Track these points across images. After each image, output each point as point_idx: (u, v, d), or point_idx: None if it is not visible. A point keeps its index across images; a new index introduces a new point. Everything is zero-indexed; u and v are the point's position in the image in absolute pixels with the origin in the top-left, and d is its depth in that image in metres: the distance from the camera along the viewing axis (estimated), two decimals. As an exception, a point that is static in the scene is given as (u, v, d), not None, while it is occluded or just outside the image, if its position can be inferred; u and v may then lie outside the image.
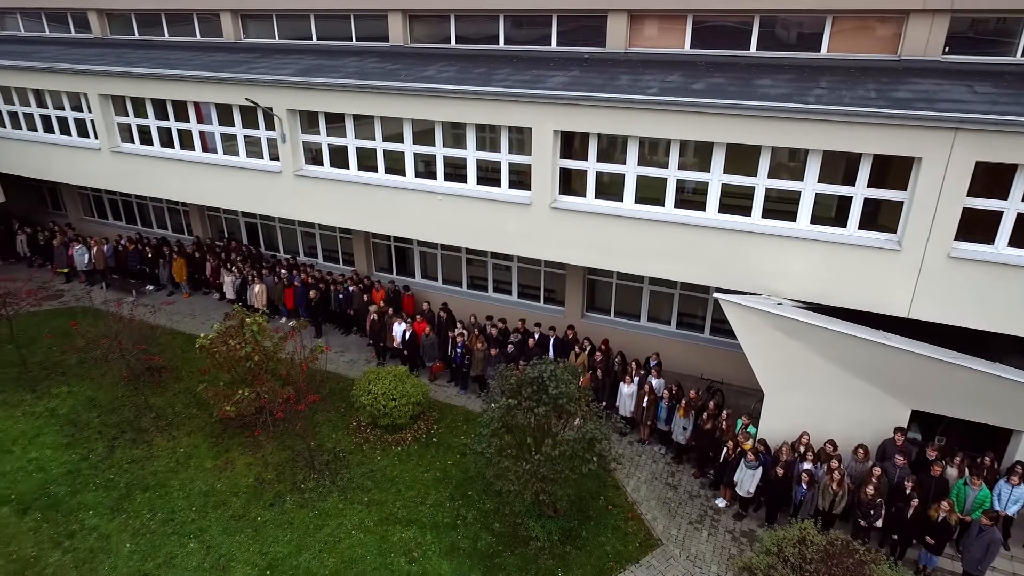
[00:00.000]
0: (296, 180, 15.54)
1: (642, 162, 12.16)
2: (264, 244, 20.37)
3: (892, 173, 10.41)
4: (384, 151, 14.60)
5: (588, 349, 13.94)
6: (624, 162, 12.26)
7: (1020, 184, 9.46)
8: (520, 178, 13.45)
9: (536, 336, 14.29)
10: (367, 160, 14.96)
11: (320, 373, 13.49)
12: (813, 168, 10.72)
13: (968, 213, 9.70)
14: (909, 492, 9.73)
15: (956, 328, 10.17)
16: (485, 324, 15.11)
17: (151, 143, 17.70)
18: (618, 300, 15.48)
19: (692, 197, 12.11)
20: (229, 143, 16.60)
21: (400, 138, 14.27)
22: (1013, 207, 9.61)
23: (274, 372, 12.61)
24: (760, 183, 11.22)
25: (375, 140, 14.56)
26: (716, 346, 14.44)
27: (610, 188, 12.70)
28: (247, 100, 14.99)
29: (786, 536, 8.40)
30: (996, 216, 9.75)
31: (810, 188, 10.87)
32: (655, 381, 12.87)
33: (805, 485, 10.31)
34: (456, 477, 12.04)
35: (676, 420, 12.18)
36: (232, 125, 16.20)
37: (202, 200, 18.13)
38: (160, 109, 17.14)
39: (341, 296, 16.73)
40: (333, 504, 11.33)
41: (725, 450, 11.22)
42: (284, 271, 17.80)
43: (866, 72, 11.85)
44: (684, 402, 12.08)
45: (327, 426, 13.34)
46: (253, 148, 16.30)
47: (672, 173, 11.89)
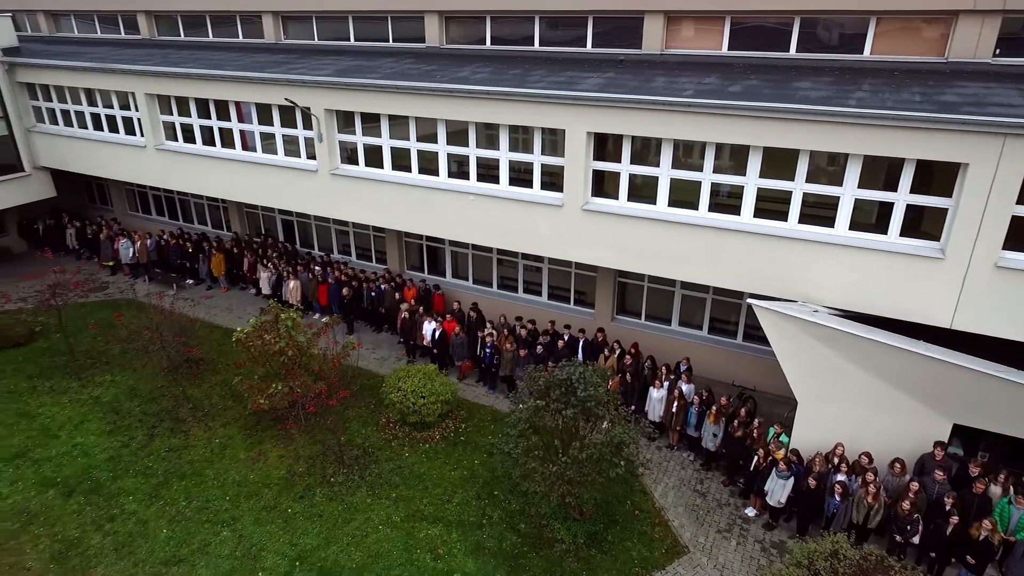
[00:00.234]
0: (332, 179, 15.82)
1: (676, 165, 12.04)
2: (299, 241, 20.77)
3: (936, 179, 10.09)
4: (418, 151, 14.75)
5: (618, 352, 13.85)
6: (658, 164, 12.15)
7: (1074, 192, 9.10)
8: (552, 179, 13.45)
9: (565, 338, 14.26)
10: (401, 160, 15.14)
11: (351, 369, 13.71)
12: (853, 173, 10.47)
13: (1017, 221, 9.35)
14: (949, 509, 9.42)
15: (1000, 340, 9.82)
16: (515, 324, 15.14)
17: (194, 141, 18.22)
18: (649, 303, 15.35)
19: (726, 201, 11.95)
20: (268, 142, 16.99)
21: (434, 138, 14.40)
22: (1066, 216, 9.25)
23: (307, 367, 12.86)
24: (797, 187, 11.01)
25: (409, 140, 14.73)
26: (749, 352, 14.20)
27: (643, 190, 12.60)
28: (286, 100, 15.32)
29: (818, 549, 8.21)
30: (1047, 225, 9.40)
31: (849, 193, 10.62)
32: (685, 386, 12.72)
33: (839, 497, 10.07)
34: (483, 476, 12.10)
35: (706, 426, 12.02)
36: (271, 124, 16.58)
37: (241, 197, 18.59)
38: (203, 108, 17.63)
39: (373, 294, 16.96)
40: (361, 499, 11.50)
41: (756, 458, 11.03)
42: (318, 268, 18.13)
43: (911, 75, 11.51)
44: (715, 408, 11.92)
45: (357, 422, 13.54)
46: (291, 147, 16.65)
47: (707, 176, 11.74)
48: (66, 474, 12.07)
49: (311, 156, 16.20)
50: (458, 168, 14.53)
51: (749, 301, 11.39)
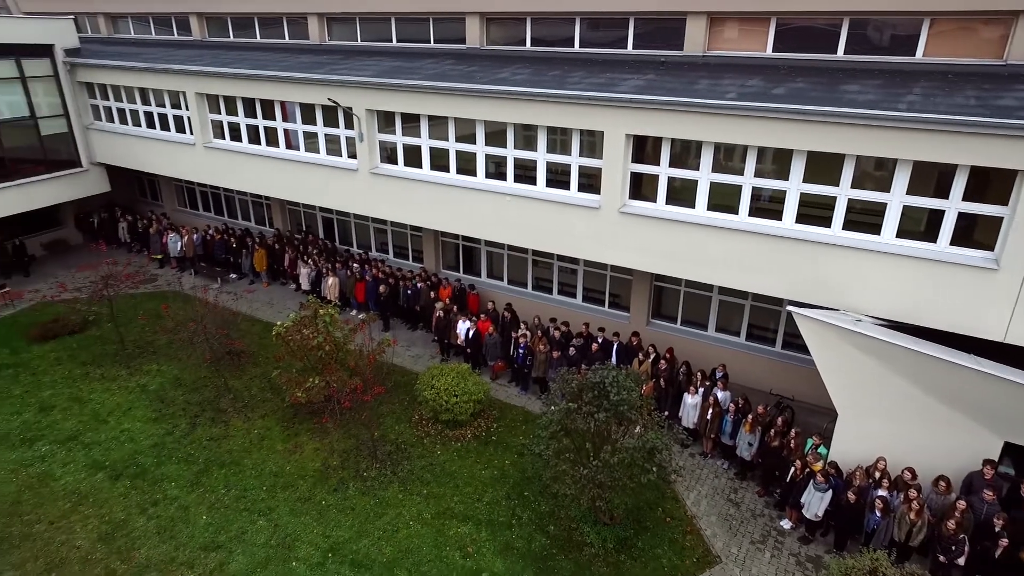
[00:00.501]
0: (371, 178, 16.07)
1: (716, 168, 11.86)
2: (339, 238, 21.17)
3: (992, 186, 9.70)
4: (456, 151, 14.87)
5: (652, 357, 13.71)
6: (697, 168, 11.99)
7: None
8: (589, 181, 13.39)
9: (599, 341, 14.18)
10: (439, 160, 15.29)
11: (386, 366, 13.92)
12: (902, 179, 10.14)
13: (1079, 232, 8.94)
14: (999, 530, 9.04)
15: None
16: (548, 326, 15.13)
17: (240, 139, 18.75)
18: (685, 308, 15.14)
19: (768, 205, 11.71)
20: (310, 141, 17.36)
21: (472, 139, 14.50)
22: None
23: (343, 362, 13.09)
24: (842, 193, 10.72)
25: (448, 141, 14.86)
26: (787, 361, 13.88)
27: (681, 194, 12.45)
28: (329, 100, 15.63)
29: (856, 565, 8.00)
30: (1112, 236, 8.94)
31: (897, 200, 10.28)
32: (721, 393, 12.52)
33: (879, 513, 9.77)
34: (513, 477, 12.13)
35: (741, 435, 11.80)
36: (314, 123, 16.94)
37: (283, 194, 19.04)
38: (249, 107, 18.12)
39: (409, 292, 17.17)
40: (393, 494, 11.66)
41: (793, 470, 10.78)
42: (356, 265, 18.44)
43: (966, 78, 11.09)
44: (751, 417, 11.69)
45: (391, 418, 13.73)
46: (332, 146, 16.99)
47: (748, 180, 11.53)
48: (114, 458, 12.57)
49: (352, 155, 16.49)
50: (495, 169, 14.60)
51: (789, 309, 11.15)
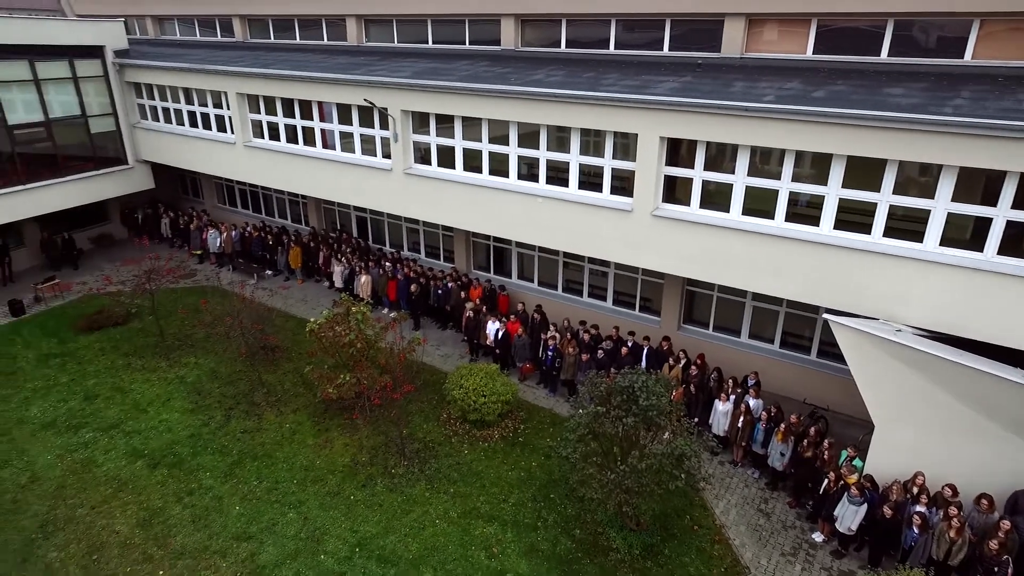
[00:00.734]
0: (405, 178, 16.25)
1: (752, 172, 11.67)
2: (372, 237, 21.44)
3: (1044, 194, 9.34)
4: (489, 152, 14.93)
5: (683, 362, 13.55)
6: (733, 171, 11.81)
7: None
8: (622, 184, 13.31)
9: (629, 345, 14.07)
10: (472, 161, 15.37)
11: (416, 364, 14.06)
12: (947, 185, 9.82)
13: None
14: (1043, 552, 8.70)
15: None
16: (578, 329, 15.08)
17: (278, 139, 19.15)
18: (718, 314, 14.92)
19: (805, 211, 11.47)
20: (346, 140, 17.64)
21: (505, 140, 14.54)
22: None
23: (374, 360, 13.27)
24: (884, 199, 10.43)
25: (481, 142, 14.93)
26: (822, 370, 13.56)
27: (716, 197, 12.28)
28: (365, 101, 15.85)
29: (890, 582, 7.79)
30: None
31: (941, 207, 9.97)
32: (753, 401, 12.30)
33: (917, 529, 9.47)
34: (540, 479, 12.12)
35: (773, 444, 11.58)
36: (350, 124, 17.21)
37: (319, 193, 19.37)
38: (288, 107, 18.50)
39: (440, 292, 17.30)
40: (420, 492, 11.76)
41: (826, 482, 10.54)
42: (388, 264, 18.66)
43: (1018, 81, 10.68)
44: (783, 426, 11.46)
45: (419, 416, 13.86)
46: (368, 146, 17.22)
47: (784, 185, 11.31)
48: (152, 447, 12.96)
49: (386, 155, 16.70)
50: (528, 170, 14.62)
51: (825, 316, 10.90)
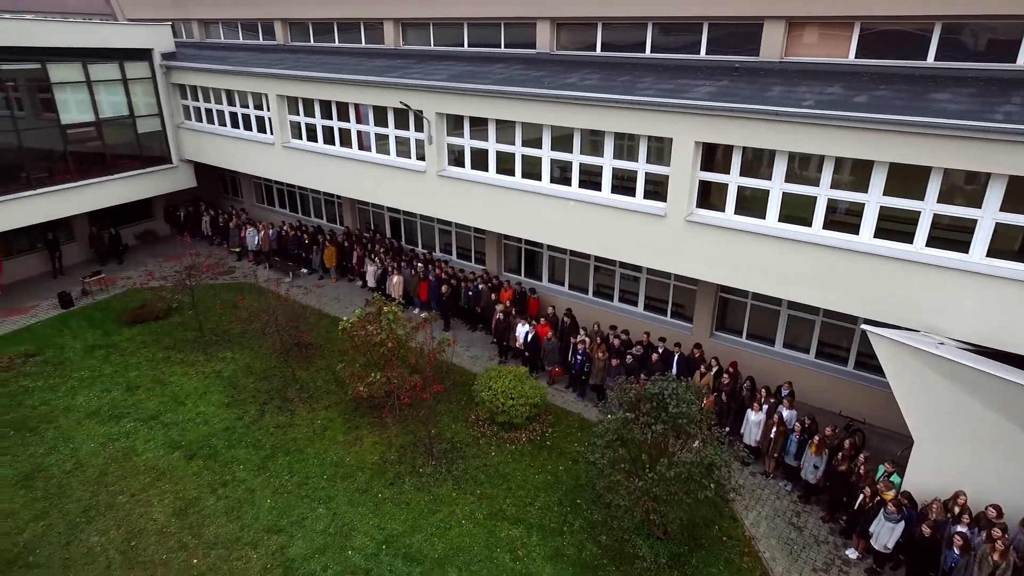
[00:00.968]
0: (439, 180, 16.39)
1: (790, 178, 11.45)
2: (405, 238, 21.68)
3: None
4: (522, 156, 14.97)
5: (715, 370, 13.35)
6: (769, 177, 11.61)
7: None
8: (655, 188, 13.20)
9: (660, 351, 13.94)
10: (505, 163, 15.43)
11: (445, 365, 14.15)
12: (995, 194, 9.49)
13: None
14: (1092, 578, 8.32)
15: None
16: (608, 333, 14.99)
17: (316, 140, 19.52)
18: (752, 321, 14.66)
19: (844, 218, 11.20)
20: (381, 142, 17.88)
21: (539, 143, 14.55)
22: None
23: (404, 359, 13.41)
24: (927, 208, 10.13)
25: (515, 145, 14.97)
26: (860, 382, 13.21)
27: (751, 203, 12.08)
28: (401, 103, 16.05)
29: (927, 603, 7.54)
30: None
31: (989, 217, 9.63)
32: (786, 412, 12.05)
33: (958, 550, 9.15)
34: (566, 483, 12.08)
35: (807, 456, 11.32)
36: (386, 126, 17.44)
37: (354, 194, 19.68)
38: (326, 109, 18.85)
39: (471, 293, 17.40)
40: (447, 492, 11.84)
41: (862, 497, 10.25)
42: (420, 265, 18.84)
43: (1075, 86, 10.28)
44: (817, 438, 11.20)
45: (448, 416, 13.95)
46: (402, 148, 17.43)
47: (823, 192, 11.08)
48: (189, 439, 13.32)
49: (420, 157, 16.88)
50: (560, 174, 14.60)
51: (864, 327, 10.62)
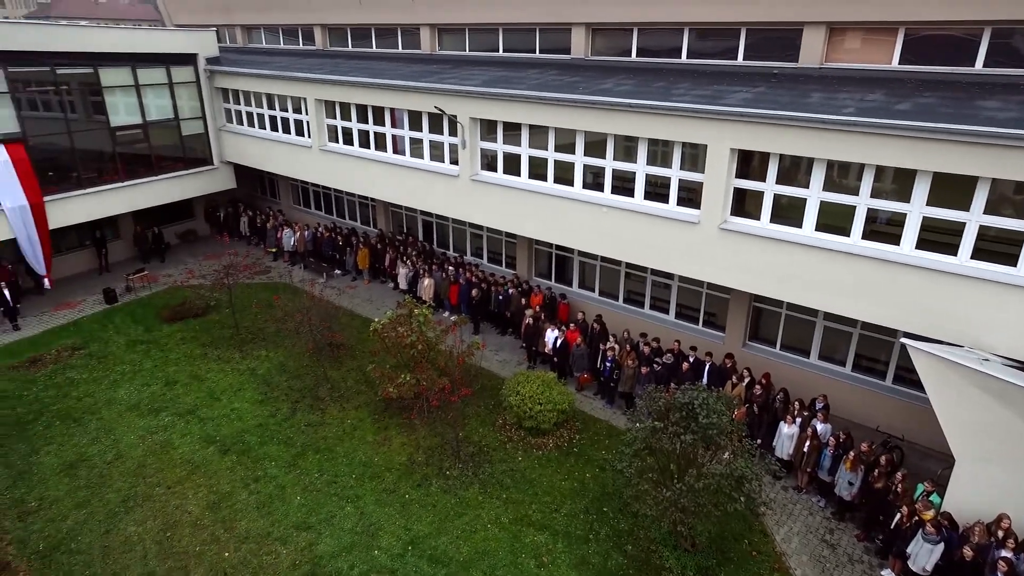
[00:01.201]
0: (471, 184, 16.51)
1: (828, 186, 11.21)
2: (436, 241, 21.87)
3: None
4: (555, 161, 14.97)
5: (747, 381, 13.12)
6: (807, 185, 11.39)
7: None
8: (689, 195, 13.06)
9: (691, 360, 13.76)
10: (537, 168, 15.45)
11: (474, 368, 14.22)
12: (1048, 206, 9.14)
13: None
14: None
15: None
16: (638, 341, 14.86)
17: (352, 143, 19.86)
18: (786, 332, 14.37)
19: (884, 228, 10.91)
20: (416, 146, 18.10)
21: (572, 148, 14.55)
22: None
23: (433, 362, 13.51)
24: (973, 219, 9.81)
25: (547, 150, 14.99)
26: (898, 397, 12.83)
27: (787, 211, 11.87)
28: (436, 108, 16.23)
29: (967, 629, 7.27)
30: None
31: (1041, 229, 9.28)
32: (820, 425, 11.77)
33: (1002, 575, 8.81)
34: (593, 491, 12.01)
35: (841, 472, 11.03)
36: (420, 130, 17.65)
37: (388, 197, 19.92)
38: (362, 113, 19.17)
39: (501, 297, 17.45)
40: (473, 495, 11.88)
41: (899, 516, 9.94)
42: (451, 268, 18.98)
43: None
44: (853, 454, 10.90)
45: (475, 420, 14.00)
46: (436, 152, 17.61)
47: (863, 201, 10.82)
48: (224, 434, 13.65)
49: (453, 161, 17.03)
50: (593, 179, 14.56)
51: (903, 341, 10.31)
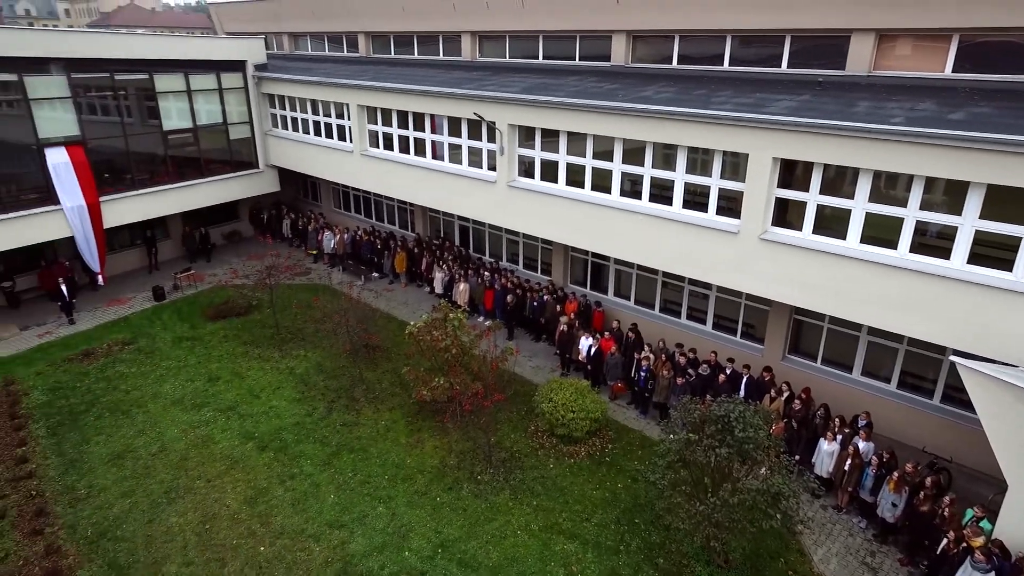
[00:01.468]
0: (508, 190, 16.59)
1: (874, 198, 10.90)
2: (473, 246, 22.03)
3: None
4: (593, 168, 14.94)
5: (786, 395, 12.82)
6: (852, 196, 11.09)
7: None
8: (729, 204, 12.86)
9: (728, 372, 13.51)
10: (574, 175, 15.44)
11: (507, 374, 14.25)
12: (1112, 221, 8.70)
13: None
14: None
15: None
16: (674, 351, 14.67)
17: (392, 148, 20.18)
18: (828, 346, 13.99)
19: (933, 242, 10.55)
20: (454, 152, 18.29)
21: (610, 156, 14.49)
22: None
23: (467, 366, 13.59)
24: (1031, 234, 9.40)
25: (585, 157, 14.97)
26: (946, 417, 12.35)
27: (831, 223, 11.58)
28: (475, 114, 16.38)
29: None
30: None
31: (1105, 245, 8.83)
32: (862, 444, 11.41)
33: (1053, 607, 8.39)
34: (625, 501, 11.89)
35: (884, 493, 10.66)
36: (459, 136, 17.83)
37: (426, 202, 20.18)
38: (403, 119, 19.47)
39: (535, 304, 17.45)
40: (504, 501, 11.89)
41: (946, 541, 9.55)
42: (487, 274, 19.08)
43: None
44: (897, 474, 10.53)
45: (507, 425, 14.02)
46: (474, 158, 17.76)
47: (911, 213, 10.48)
48: (262, 431, 13.99)
49: (491, 167, 17.14)
50: (631, 187, 14.47)
51: (953, 359, 9.91)
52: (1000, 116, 9.84)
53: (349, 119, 21.02)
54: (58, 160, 18.71)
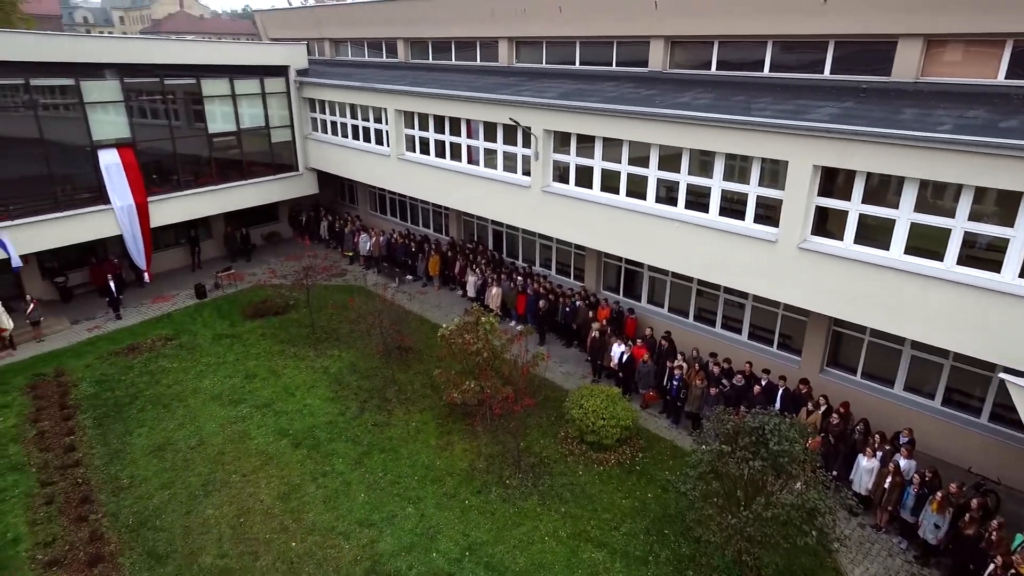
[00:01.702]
0: (543, 196, 16.60)
1: (920, 207, 10.57)
2: (506, 251, 22.09)
3: None
4: (628, 174, 14.84)
5: (823, 408, 12.49)
6: (896, 206, 10.78)
7: None
8: (767, 212, 12.63)
9: (763, 383, 13.23)
10: (609, 181, 15.37)
11: (538, 379, 14.23)
12: None
13: None
14: None
15: None
16: (708, 360, 14.45)
17: (428, 153, 20.41)
18: (868, 359, 13.58)
19: (982, 254, 10.17)
20: (489, 157, 18.40)
21: (645, 162, 14.39)
22: None
23: (498, 370, 13.62)
24: (1089, 247, 8.99)
25: (620, 163, 14.89)
26: (994, 436, 11.86)
27: (873, 232, 11.26)
28: (511, 120, 16.45)
29: None
30: None
31: None
32: (903, 461, 11.04)
33: (1108, 641, 7.97)
34: (655, 511, 11.74)
35: (927, 513, 10.29)
36: (495, 141, 17.93)
37: (461, 206, 20.34)
38: (439, 124, 19.68)
39: (567, 309, 17.40)
40: (532, 506, 11.86)
41: (992, 567, 9.16)
42: (520, 278, 19.10)
43: None
44: (940, 494, 10.15)
45: (537, 431, 13.99)
46: (509, 163, 17.83)
47: (959, 224, 10.13)
48: (296, 428, 14.26)
49: (526, 172, 17.18)
50: (667, 193, 14.33)
51: (1002, 376, 9.56)
52: (1057, 124, 9.46)
53: (387, 124, 21.34)
54: (110, 161, 19.48)
